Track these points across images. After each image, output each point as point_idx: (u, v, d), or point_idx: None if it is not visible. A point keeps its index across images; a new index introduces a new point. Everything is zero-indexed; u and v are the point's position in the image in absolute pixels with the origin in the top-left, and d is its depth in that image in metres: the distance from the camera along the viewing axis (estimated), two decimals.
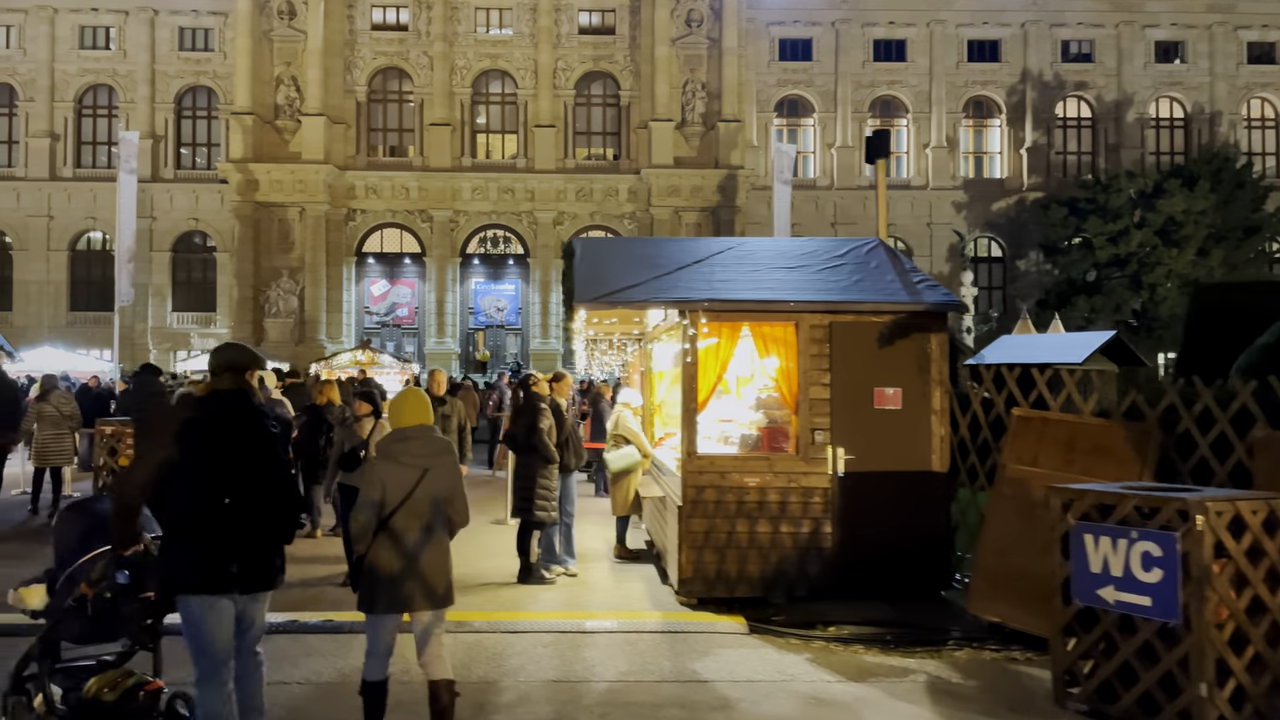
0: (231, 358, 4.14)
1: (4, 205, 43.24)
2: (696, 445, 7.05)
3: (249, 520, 3.86)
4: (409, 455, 4.35)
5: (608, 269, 7.62)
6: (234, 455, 3.87)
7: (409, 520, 4.29)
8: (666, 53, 43.31)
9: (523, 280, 45.16)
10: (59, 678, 3.99)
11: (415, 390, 4.74)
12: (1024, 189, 46.83)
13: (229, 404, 3.99)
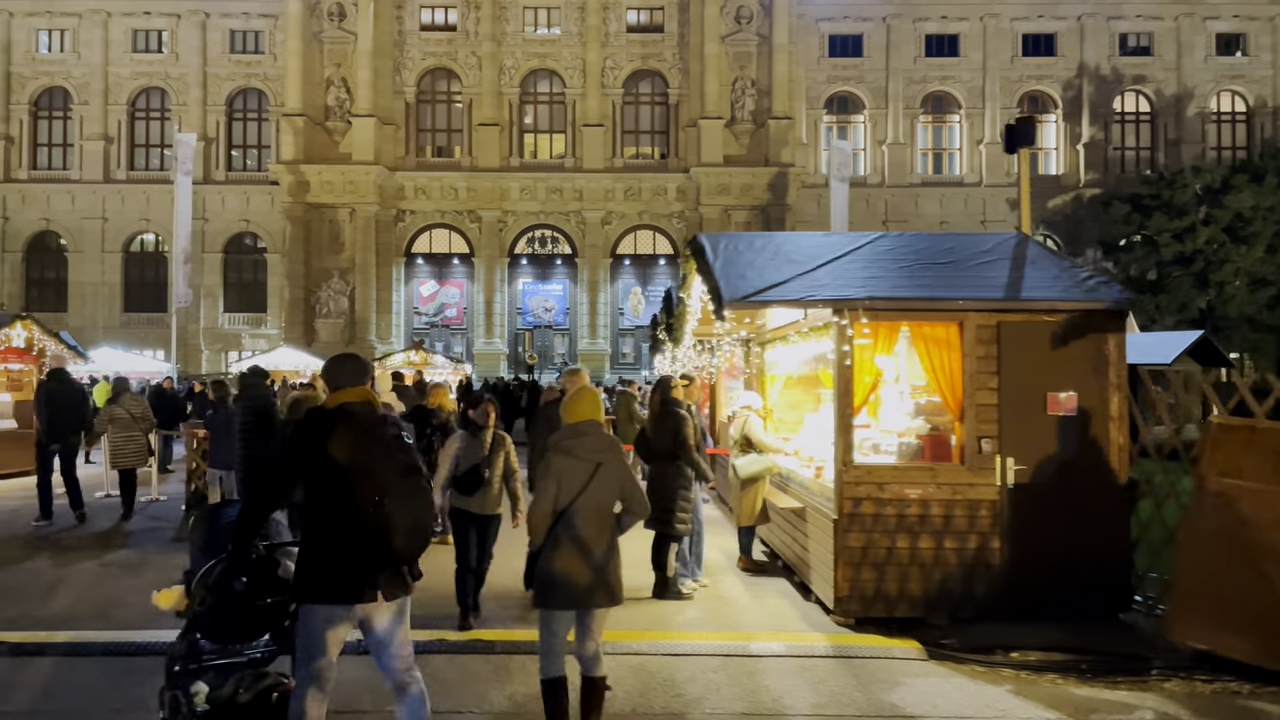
0: (353, 370, 4.01)
1: (59, 208, 43.80)
2: (853, 454, 6.60)
3: (382, 532, 3.68)
4: (584, 449, 4.38)
5: (745, 266, 7.19)
6: (368, 468, 3.71)
7: (584, 515, 4.31)
8: (716, 50, 42.84)
9: (570, 280, 44.92)
10: (208, 675, 4.05)
11: (589, 386, 4.62)
12: (1080, 185, 45.76)
13: (361, 417, 3.84)
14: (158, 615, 6.46)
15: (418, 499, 3.78)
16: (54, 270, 44.31)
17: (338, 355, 4.19)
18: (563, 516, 4.30)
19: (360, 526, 3.66)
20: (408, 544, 3.71)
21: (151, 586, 7.74)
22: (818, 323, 7.27)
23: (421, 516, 3.77)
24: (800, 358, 8.87)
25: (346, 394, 3.89)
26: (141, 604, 6.98)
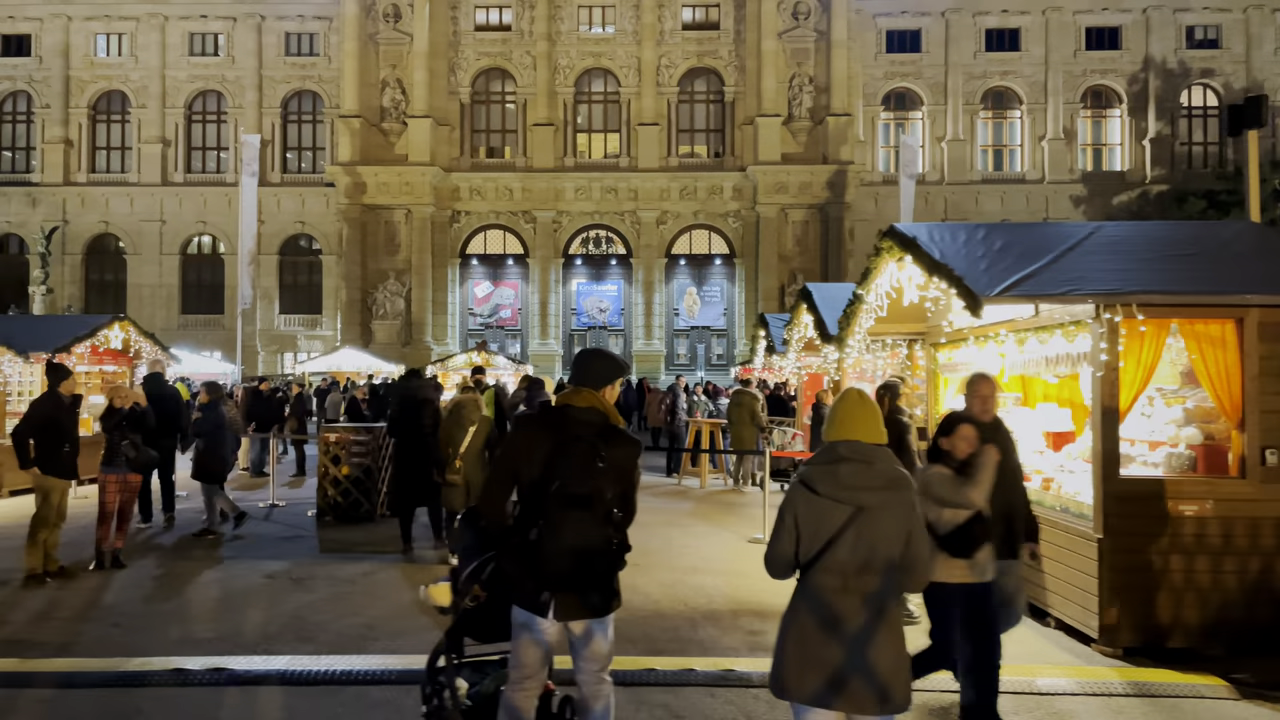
0: (599, 372, 3.70)
1: (118, 211, 44.05)
2: (1118, 467, 6.01)
3: (587, 545, 3.49)
4: (836, 484, 3.15)
5: (974, 258, 6.62)
6: (581, 478, 3.48)
7: (832, 579, 3.14)
8: (773, 46, 42.21)
9: (625, 281, 44.47)
10: (467, 671, 4.04)
11: (858, 391, 3.34)
12: (1146, 181, 44.60)
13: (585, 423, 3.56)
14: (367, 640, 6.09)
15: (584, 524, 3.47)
16: (113, 272, 44.57)
17: (590, 351, 3.84)
18: (804, 575, 3.23)
19: (557, 539, 3.46)
20: (572, 567, 3.46)
21: (326, 602, 7.39)
22: (1054, 320, 6.68)
23: (588, 542, 3.47)
24: (991, 359, 8.28)
25: (578, 396, 3.63)
26: (336, 624, 6.56)
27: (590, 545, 3.48)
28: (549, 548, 3.45)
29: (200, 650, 5.93)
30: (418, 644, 6.12)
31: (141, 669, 5.47)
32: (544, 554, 3.46)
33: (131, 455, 8.17)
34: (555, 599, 3.51)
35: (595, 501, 3.47)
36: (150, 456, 8.53)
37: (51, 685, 5.24)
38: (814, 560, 3.15)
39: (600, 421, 3.57)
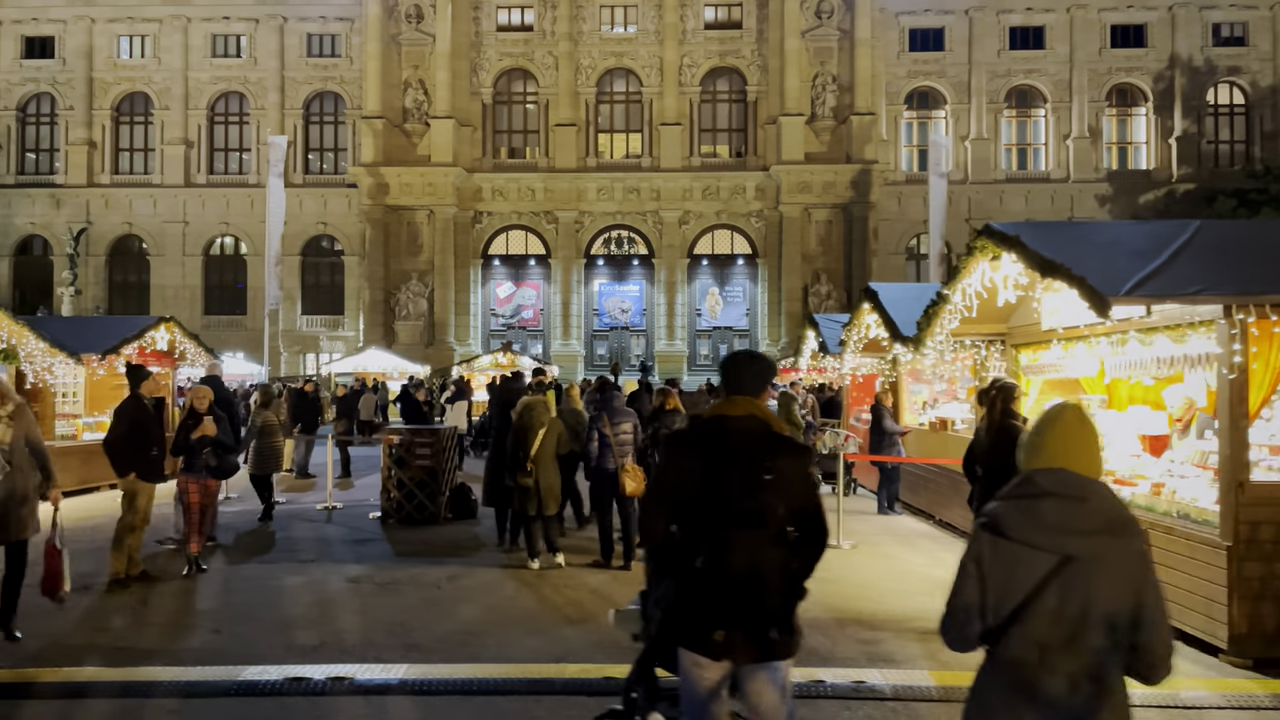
0: (755, 375, 3.31)
1: (142, 212, 44.15)
2: (1249, 472, 5.86)
3: (759, 571, 3.08)
4: (1035, 525, 2.44)
5: (1083, 256, 6.46)
6: (747, 494, 3.09)
7: (1028, 651, 2.41)
8: (797, 45, 42.03)
9: (647, 281, 44.36)
10: (663, 705, 3.70)
11: (1075, 407, 2.67)
12: (1173, 180, 44.29)
13: (744, 432, 3.18)
14: (473, 646, 5.96)
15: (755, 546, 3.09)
16: (136, 273, 44.68)
17: (742, 354, 3.45)
18: (992, 646, 2.50)
19: (720, 568, 3.08)
20: (741, 597, 3.06)
21: (419, 607, 7.28)
22: (1168, 321, 6.52)
23: (760, 568, 3.07)
24: (1081, 360, 8.13)
25: (732, 404, 3.25)
26: (435, 630, 6.45)
27: (763, 571, 3.08)
28: (715, 575, 3.08)
29: (308, 658, 5.83)
30: (526, 651, 6.02)
31: (259, 678, 5.36)
32: (710, 583, 3.09)
33: (214, 464, 8.07)
34: (722, 636, 3.08)
35: (766, 519, 3.09)
36: (232, 462, 8.43)
37: (173, 695, 5.14)
38: (1005, 626, 2.44)
39: (762, 430, 3.20)
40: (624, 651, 5.99)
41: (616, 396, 9.79)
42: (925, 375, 13.47)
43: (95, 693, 5.18)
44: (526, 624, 6.76)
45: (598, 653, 5.97)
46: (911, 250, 45.33)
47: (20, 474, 5.96)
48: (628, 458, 9.15)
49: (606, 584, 8.14)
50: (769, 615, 3.10)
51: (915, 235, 45.06)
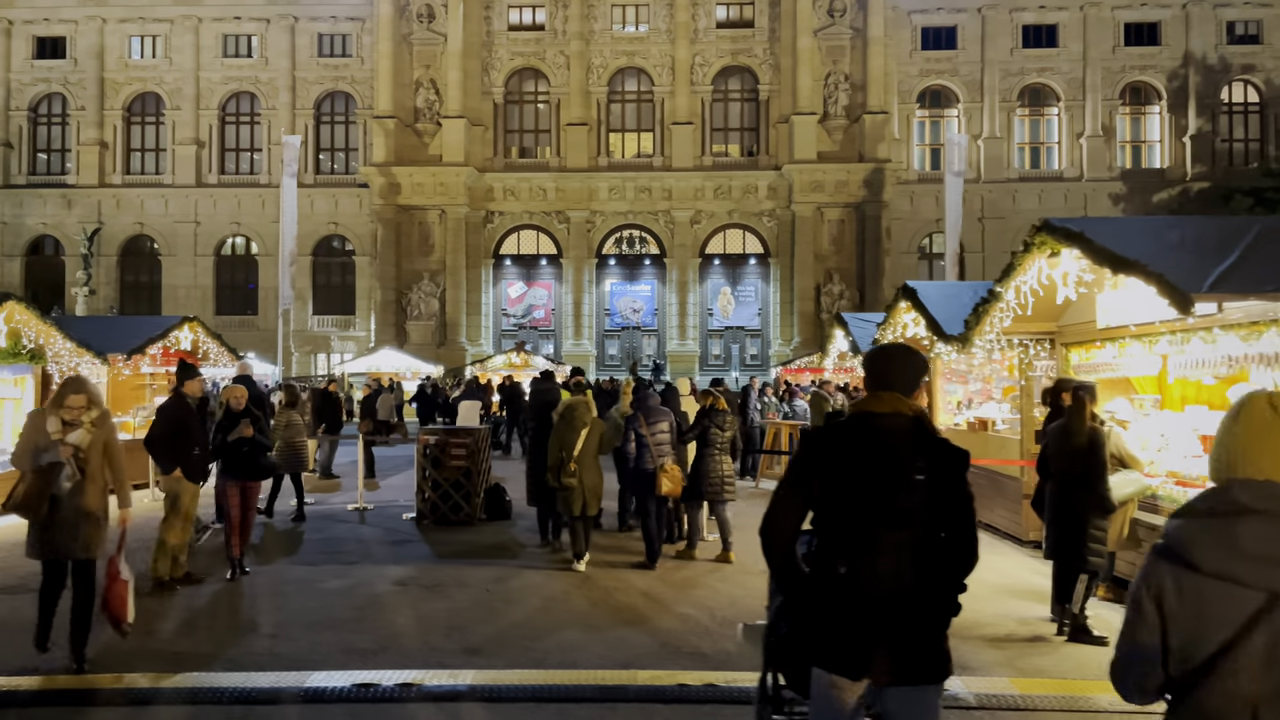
0: (907, 371, 3.03)
1: (153, 212, 44.09)
2: None
3: (911, 581, 2.81)
4: (1234, 553, 1.98)
5: (1154, 253, 6.33)
6: (873, 502, 2.83)
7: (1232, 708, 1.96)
8: (809, 44, 41.88)
9: (659, 281, 44.23)
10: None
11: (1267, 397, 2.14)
12: (1187, 179, 44.05)
13: (893, 430, 2.90)
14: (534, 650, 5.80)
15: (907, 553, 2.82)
16: (147, 273, 44.63)
17: (895, 348, 3.16)
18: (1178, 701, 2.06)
19: (864, 577, 2.81)
20: (890, 610, 2.79)
21: (471, 609, 7.15)
22: (1244, 319, 6.37)
23: (912, 577, 2.82)
24: (1138, 359, 7.98)
25: (877, 400, 2.98)
26: (493, 633, 6.33)
27: (915, 581, 2.80)
28: (860, 583, 2.81)
29: (369, 663, 5.71)
30: (590, 656, 5.89)
31: (325, 684, 5.24)
32: (853, 591, 2.82)
33: (258, 462, 7.95)
34: (866, 654, 2.80)
35: (918, 522, 2.83)
36: (271, 463, 8.30)
37: (239, 701, 5.03)
38: (1197, 677, 1.99)
39: (911, 428, 2.91)
40: (691, 657, 5.89)
41: (651, 396, 9.71)
42: (959, 375, 13.32)
43: (160, 699, 5.06)
44: (582, 626, 6.64)
45: (664, 658, 5.85)
46: (924, 250, 45.13)
47: (93, 486, 5.52)
48: (666, 458, 9.11)
49: (654, 585, 8.03)
50: (921, 632, 2.83)
51: (928, 235, 44.88)
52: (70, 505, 5.40)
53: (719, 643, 6.19)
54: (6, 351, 12.53)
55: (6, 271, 43.61)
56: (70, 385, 5.61)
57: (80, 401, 5.54)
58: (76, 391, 5.55)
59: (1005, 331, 9.27)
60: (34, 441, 5.46)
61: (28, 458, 5.42)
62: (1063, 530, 6.40)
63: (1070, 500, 6.37)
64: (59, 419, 5.49)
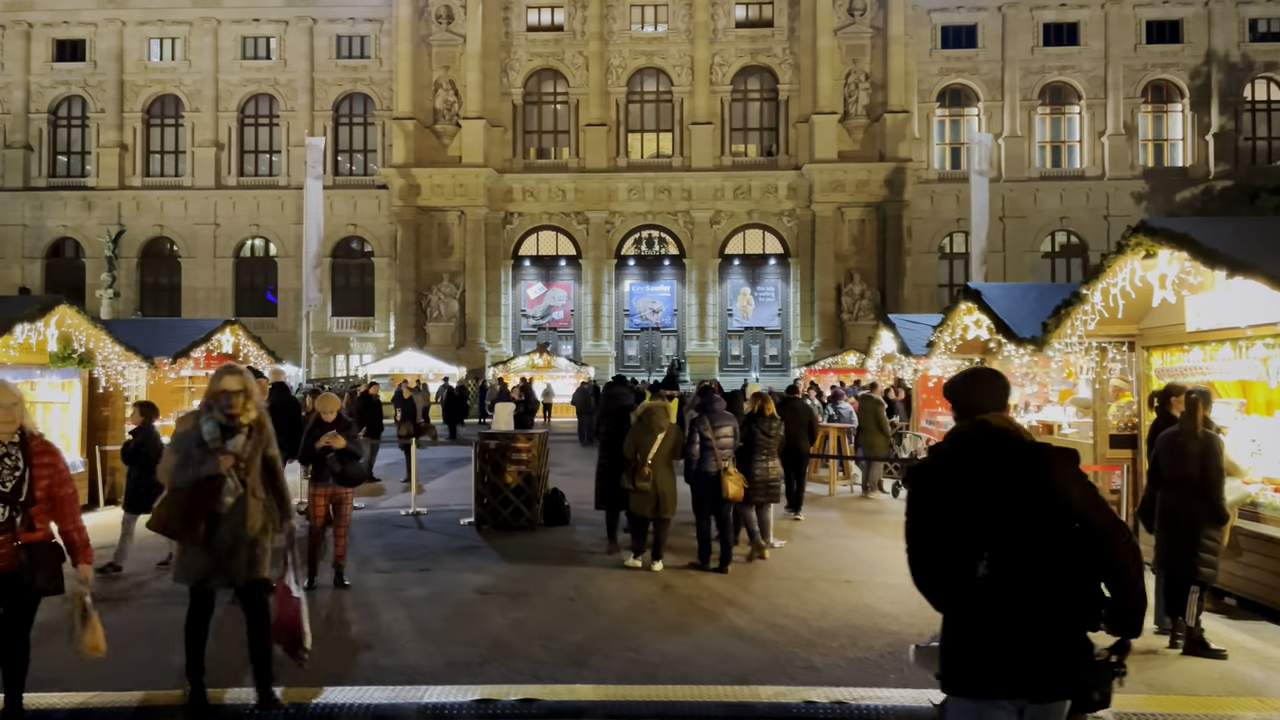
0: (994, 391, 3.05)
1: (173, 214, 44.13)
2: None
3: (1033, 600, 2.77)
4: None
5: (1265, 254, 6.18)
6: (999, 514, 2.82)
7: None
8: (829, 43, 41.71)
9: (678, 281, 44.12)
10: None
11: None
12: (1210, 177, 43.77)
13: (1010, 444, 2.90)
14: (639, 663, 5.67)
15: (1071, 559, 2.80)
16: (167, 275, 44.67)
17: (983, 372, 3.17)
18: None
19: (993, 592, 2.78)
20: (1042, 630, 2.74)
21: (562, 619, 7.02)
22: None
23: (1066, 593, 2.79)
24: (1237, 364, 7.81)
25: (975, 423, 2.98)
26: (591, 644, 6.19)
27: (1070, 599, 2.78)
28: (1012, 603, 2.76)
29: (478, 676, 5.59)
30: (701, 669, 5.76)
31: (444, 699, 5.12)
32: (1006, 610, 2.76)
33: (337, 469, 7.83)
34: (1019, 677, 2.76)
35: (1055, 526, 2.82)
36: (361, 470, 8.16)
37: (361, 719, 4.90)
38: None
39: (1022, 439, 2.93)
40: (804, 670, 5.76)
41: (718, 400, 9.66)
42: (1016, 378, 13.15)
43: (277, 717, 4.94)
44: (678, 635, 6.52)
45: (776, 672, 5.72)
46: (943, 249, 44.92)
47: (254, 499, 4.87)
48: (729, 461, 9.08)
49: (736, 592, 7.93)
50: (1075, 651, 2.79)
51: (948, 234, 44.69)
52: (232, 523, 4.77)
53: (827, 655, 6.06)
54: (57, 356, 12.46)
55: (28, 273, 43.70)
56: (225, 379, 4.85)
57: (238, 401, 4.83)
58: (234, 387, 4.82)
59: (1089, 334, 9.11)
60: (185, 451, 4.80)
61: (178, 471, 4.78)
62: (1175, 540, 6.24)
63: (1183, 509, 6.21)
64: (215, 423, 4.81)
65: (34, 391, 13.27)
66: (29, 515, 4.38)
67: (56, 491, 4.49)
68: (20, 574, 4.32)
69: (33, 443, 4.47)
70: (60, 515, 4.52)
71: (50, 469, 4.48)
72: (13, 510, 4.35)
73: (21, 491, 4.37)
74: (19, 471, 4.38)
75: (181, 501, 4.73)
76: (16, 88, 44.19)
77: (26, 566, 4.32)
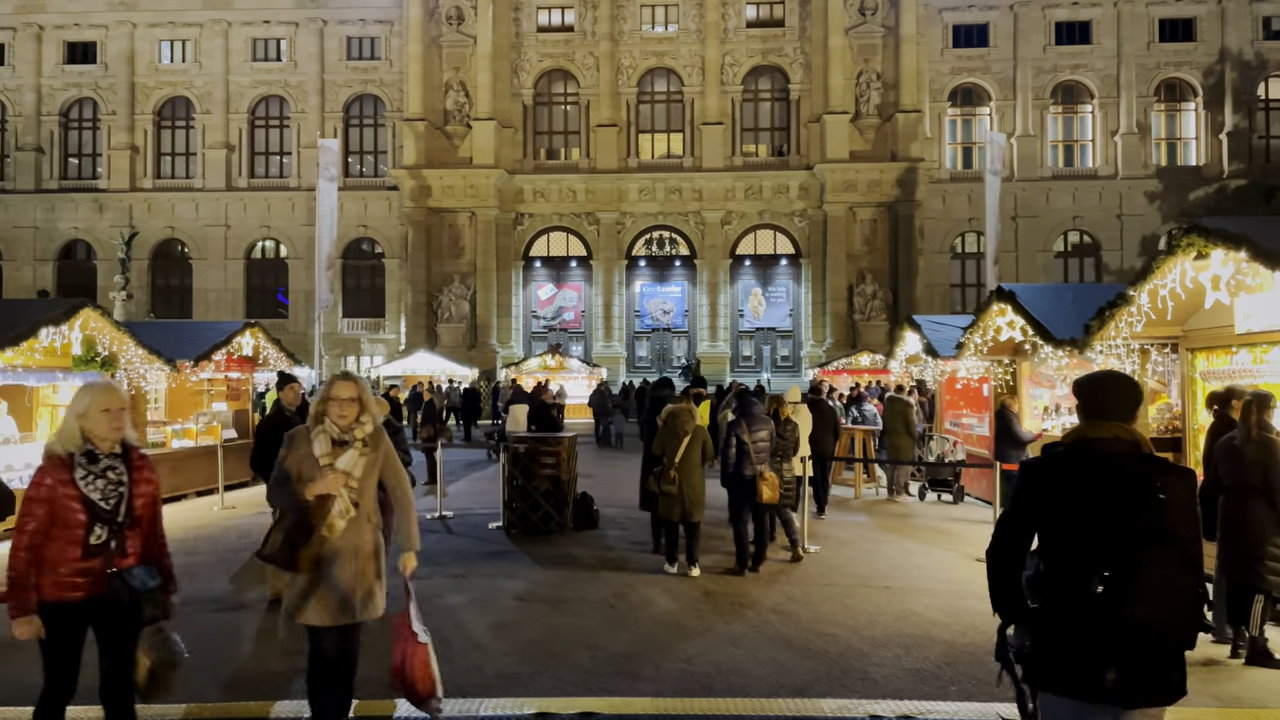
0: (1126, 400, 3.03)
1: (184, 216, 44.15)
2: None
3: (1137, 605, 2.76)
4: None
5: None
6: (1118, 523, 2.82)
7: None
8: (840, 43, 41.57)
9: (689, 282, 44.00)
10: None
11: None
12: (1224, 176, 43.52)
13: (1118, 454, 2.93)
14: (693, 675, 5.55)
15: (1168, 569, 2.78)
16: (178, 277, 44.68)
17: (1113, 377, 3.13)
18: None
19: (1098, 594, 2.77)
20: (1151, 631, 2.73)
21: (605, 628, 6.90)
22: None
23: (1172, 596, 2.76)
24: None
25: (1093, 428, 2.98)
26: (640, 654, 6.07)
27: (1175, 600, 2.76)
28: (1116, 602, 2.74)
29: (530, 689, 5.47)
30: (756, 681, 5.64)
31: (500, 713, 5.00)
32: (1114, 612, 2.74)
33: None
34: (1114, 675, 2.74)
35: (1172, 540, 2.79)
36: (410, 476, 7.94)
37: None
38: None
39: (1135, 451, 2.94)
40: (862, 682, 5.63)
41: (755, 404, 9.58)
42: (1045, 380, 13.02)
43: None
44: (730, 645, 6.40)
45: (833, 683, 5.60)
46: (955, 249, 44.74)
47: (369, 525, 4.27)
48: (765, 465, 9.05)
49: (771, 596, 7.82)
50: (1175, 653, 2.79)
51: (960, 234, 44.51)
52: (345, 551, 4.17)
53: (883, 666, 5.93)
54: (81, 359, 12.38)
55: (39, 275, 43.76)
56: (337, 385, 4.26)
57: (351, 411, 4.23)
58: (347, 395, 4.23)
59: (1133, 335, 8.96)
60: (297, 468, 4.20)
61: (286, 491, 4.20)
62: (1236, 548, 6.11)
63: (1245, 516, 6.07)
64: (328, 437, 4.21)
65: (56, 395, 13.24)
66: (124, 538, 3.83)
67: (149, 511, 3.97)
68: (116, 602, 3.78)
69: (134, 456, 3.93)
70: (151, 538, 3.98)
71: (150, 486, 3.96)
72: (111, 532, 3.78)
73: (120, 511, 3.81)
74: (122, 488, 3.83)
75: (288, 526, 4.13)
76: (28, 90, 44.27)
77: (125, 594, 3.78)
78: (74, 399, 3.88)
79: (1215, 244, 6.93)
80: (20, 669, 5.11)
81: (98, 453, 3.81)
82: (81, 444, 3.80)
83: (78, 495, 3.73)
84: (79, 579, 3.73)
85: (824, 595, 7.94)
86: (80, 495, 3.74)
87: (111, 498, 3.80)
